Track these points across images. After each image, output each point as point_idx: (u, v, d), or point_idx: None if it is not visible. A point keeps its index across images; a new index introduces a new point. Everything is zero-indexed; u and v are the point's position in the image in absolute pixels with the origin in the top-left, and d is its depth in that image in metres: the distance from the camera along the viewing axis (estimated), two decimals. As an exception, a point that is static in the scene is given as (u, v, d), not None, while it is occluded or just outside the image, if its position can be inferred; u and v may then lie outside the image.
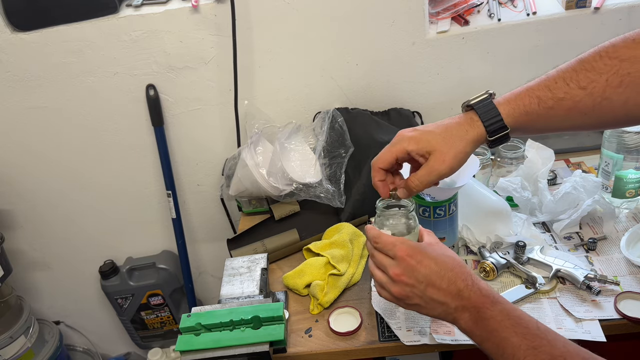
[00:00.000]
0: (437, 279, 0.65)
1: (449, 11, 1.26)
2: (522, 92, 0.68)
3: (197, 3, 1.19)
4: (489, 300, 0.63)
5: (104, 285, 1.55)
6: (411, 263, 0.66)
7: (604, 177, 1.07)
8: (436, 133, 0.69)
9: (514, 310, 0.63)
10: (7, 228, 1.53)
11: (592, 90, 0.64)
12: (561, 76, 0.66)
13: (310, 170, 1.24)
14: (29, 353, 1.47)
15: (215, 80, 1.29)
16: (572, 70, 0.66)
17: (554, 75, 0.67)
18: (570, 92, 0.65)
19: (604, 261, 0.96)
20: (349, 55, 1.27)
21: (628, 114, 0.65)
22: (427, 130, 0.70)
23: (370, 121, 1.26)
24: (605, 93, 0.63)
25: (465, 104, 0.72)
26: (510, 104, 0.68)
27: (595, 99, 0.64)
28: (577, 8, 1.21)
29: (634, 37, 0.63)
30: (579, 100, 0.65)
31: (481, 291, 0.64)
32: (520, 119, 0.68)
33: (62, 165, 1.43)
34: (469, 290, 0.64)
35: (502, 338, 0.60)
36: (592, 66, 0.64)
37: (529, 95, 0.67)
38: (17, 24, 1.21)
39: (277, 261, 1.15)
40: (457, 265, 0.67)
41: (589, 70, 0.64)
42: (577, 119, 0.67)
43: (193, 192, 1.49)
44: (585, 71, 0.64)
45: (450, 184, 0.89)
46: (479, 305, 0.63)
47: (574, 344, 0.59)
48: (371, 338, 0.91)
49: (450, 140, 0.69)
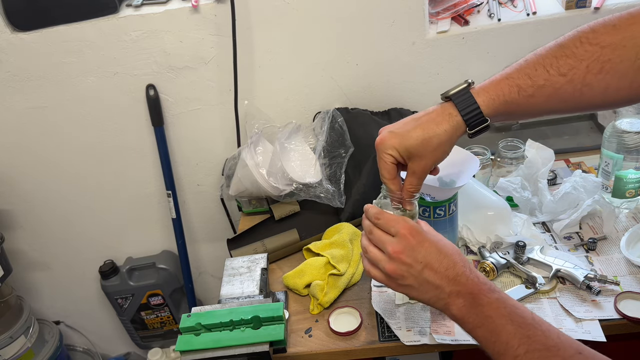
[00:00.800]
0: (436, 261, 0.66)
1: (449, 11, 1.26)
2: (501, 80, 0.67)
3: (197, 3, 1.19)
4: (486, 287, 0.64)
5: (104, 285, 1.55)
6: (412, 242, 0.66)
7: (604, 177, 1.07)
8: (412, 137, 0.68)
9: (510, 299, 0.63)
10: (7, 228, 1.53)
11: (572, 77, 0.63)
12: (541, 62, 0.65)
13: (310, 170, 1.24)
14: (29, 353, 1.47)
15: (215, 80, 1.29)
16: (551, 57, 0.65)
17: (534, 61, 0.66)
18: (550, 79, 0.64)
19: (604, 261, 0.96)
20: (349, 55, 1.27)
21: (606, 100, 0.65)
22: (403, 133, 0.69)
23: (370, 121, 1.26)
24: (586, 80, 0.63)
25: (443, 95, 0.71)
26: (489, 93, 0.67)
27: (575, 86, 0.64)
28: (577, 8, 1.21)
29: (614, 23, 0.62)
30: (559, 87, 0.64)
31: (479, 279, 0.65)
32: (499, 108, 0.67)
33: (62, 165, 1.43)
34: (466, 277, 0.65)
35: (498, 324, 0.60)
36: (572, 52, 0.63)
37: (508, 85, 0.67)
38: (17, 24, 1.21)
39: (277, 261, 1.15)
40: (457, 252, 0.67)
41: (569, 57, 0.63)
42: (557, 105, 0.66)
43: (193, 192, 1.49)
44: (566, 57, 0.64)
45: (450, 184, 0.89)
46: (476, 292, 0.63)
47: (568, 336, 0.59)
48: (371, 338, 0.91)
49: (427, 143, 0.68)
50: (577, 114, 1.31)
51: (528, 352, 0.57)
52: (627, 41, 0.61)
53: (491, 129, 1.49)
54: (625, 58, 0.61)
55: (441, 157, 0.71)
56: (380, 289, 0.98)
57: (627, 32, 0.61)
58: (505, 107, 0.67)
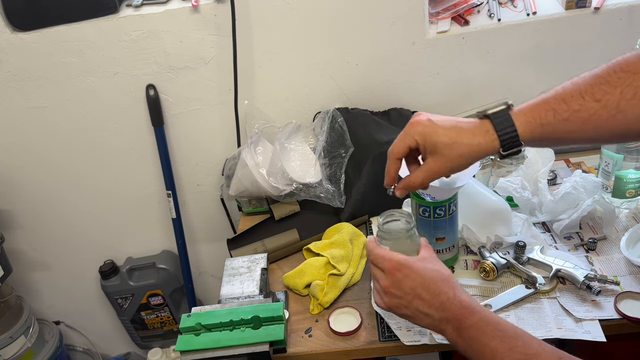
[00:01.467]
0: (423, 291, 0.69)
1: (449, 11, 1.26)
2: (538, 103, 0.69)
3: (197, 3, 1.19)
4: (468, 311, 0.66)
5: (104, 285, 1.55)
6: (398, 276, 0.71)
7: (604, 177, 1.07)
8: (446, 135, 0.70)
9: (492, 316, 0.66)
10: (7, 228, 1.53)
11: (606, 103, 0.65)
12: (576, 89, 0.67)
13: (310, 170, 1.24)
14: (29, 353, 1.47)
15: (215, 80, 1.29)
16: (586, 84, 0.67)
17: (569, 88, 0.68)
18: (585, 104, 0.66)
19: (604, 261, 0.96)
20: (349, 55, 1.27)
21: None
22: (439, 127, 0.71)
23: (370, 121, 1.26)
24: (620, 106, 0.64)
25: (480, 113, 0.72)
26: (527, 116, 0.69)
27: (610, 112, 0.65)
28: (577, 8, 1.21)
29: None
30: (593, 113, 0.66)
31: (461, 303, 0.67)
32: (535, 130, 0.69)
33: (62, 165, 1.43)
34: (450, 303, 0.68)
35: (483, 344, 0.63)
36: (606, 80, 0.65)
37: (545, 108, 0.68)
38: (17, 24, 1.21)
39: (277, 261, 1.15)
40: (442, 279, 0.70)
41: (603, 84, 0.65)
42: (592, 131, 0.67)
43: (193, 192, 1.49)
44: (600, 84, 0.65)
45: (450, 184, 0.89)
46: (459, 317, 0.66)
47: (549, 345, 0.61)
48: (371, 338, 0.91)
49: (456, 147, 0.70)
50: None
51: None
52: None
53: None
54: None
55: (461, 166, 0.72)
56: (380, 289, 0.98)
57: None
58: (541, 130, 0.68)
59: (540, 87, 0.71)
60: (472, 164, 0.72)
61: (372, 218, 1.19)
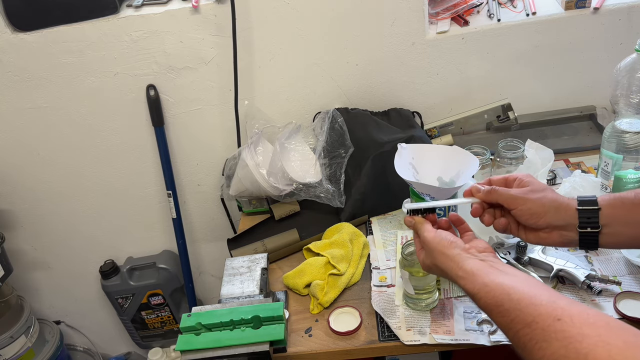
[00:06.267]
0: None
1: (448, 11, 1.26)
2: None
3: (197, 3, 1.19)
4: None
5: (104, 285, 1.56)
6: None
7: (604, 177, 1.07)
8: (542, 200, 0.72)
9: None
10: (8, 228, 1.53)
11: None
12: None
13: (310, 170, 1.24)
14: (29, 353, 1.47)
15: (216, 80, 1.30)
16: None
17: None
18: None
19: (603, 261, 0.96)
20: (349, 55, 1.27)
21: None
22: (540, 198, 0.72)
23: (370, 121, 1.26)
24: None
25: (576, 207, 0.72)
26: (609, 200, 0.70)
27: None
28: (577, 8, 1.21)
29: None
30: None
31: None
32: (614, 202, 0.70)
33: (63, 165, 1.43)
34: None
35: None
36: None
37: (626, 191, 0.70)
38: (17, 24, 1.22)
39: (277, 261, 1.15)
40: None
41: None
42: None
43: (193, 192, 1.49)
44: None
45: (450, 184, 0.89)
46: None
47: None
48: (371, 338, 0.91)
49: (545, 206, 0.71)
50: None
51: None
52: None
53: (491, 129, 1.48)
54: None
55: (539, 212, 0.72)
56: (380, 288, 0.98)
57: None
58: (620, 203, 0.69)
59: (540, 87, 0.71)
60: (542, 211, 0.72)
61: (372, 218, 1.19)
